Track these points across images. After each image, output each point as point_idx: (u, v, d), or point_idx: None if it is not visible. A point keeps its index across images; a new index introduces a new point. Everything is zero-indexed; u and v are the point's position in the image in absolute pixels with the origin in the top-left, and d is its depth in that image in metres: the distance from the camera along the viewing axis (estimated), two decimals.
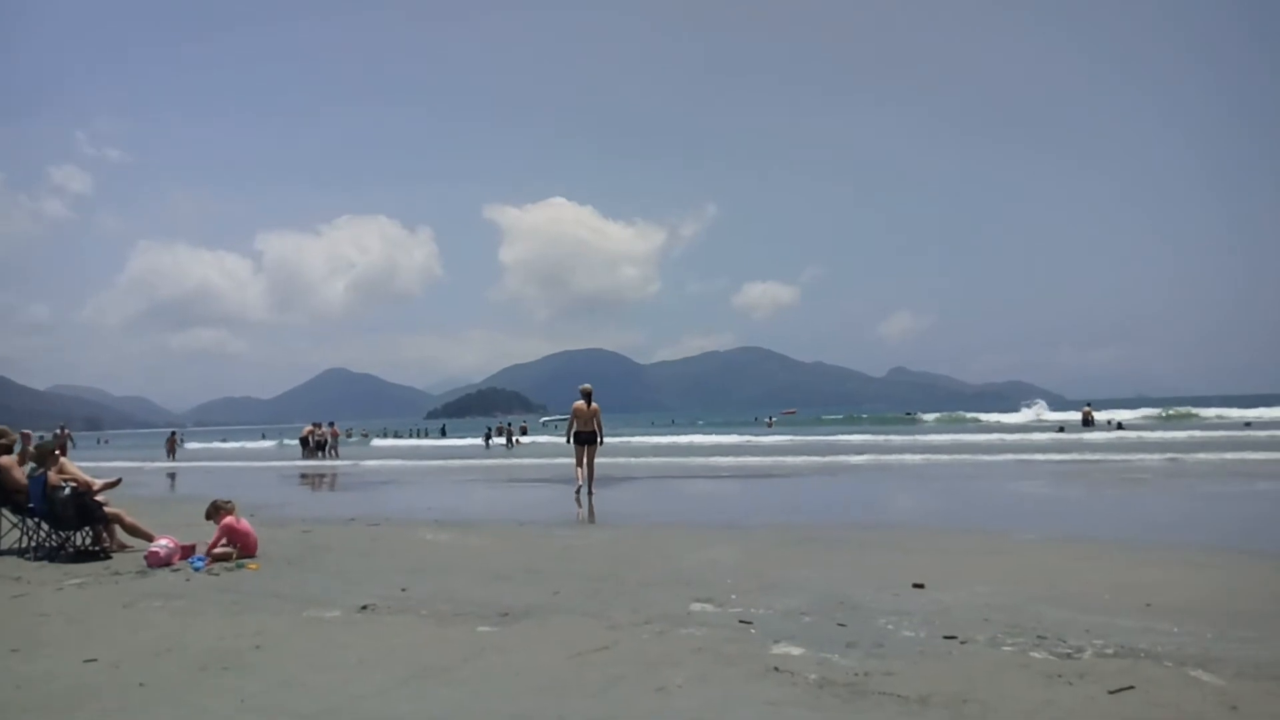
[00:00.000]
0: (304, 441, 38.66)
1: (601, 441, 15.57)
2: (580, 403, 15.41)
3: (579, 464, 15.29)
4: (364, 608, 6.17)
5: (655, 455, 29.17)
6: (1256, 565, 7.52)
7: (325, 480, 23.62)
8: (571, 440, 15.46)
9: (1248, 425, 38.53)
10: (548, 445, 40.37)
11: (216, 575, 7.67)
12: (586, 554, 8.72)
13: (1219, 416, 48.02)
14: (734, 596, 6.28)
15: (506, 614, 5.87)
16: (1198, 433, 32.95)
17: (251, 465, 33.06)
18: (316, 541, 9.79)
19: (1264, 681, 4.15)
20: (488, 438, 48.09)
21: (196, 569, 7.91)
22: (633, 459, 26.39)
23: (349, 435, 65.19)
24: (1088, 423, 42.83)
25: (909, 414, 73.76)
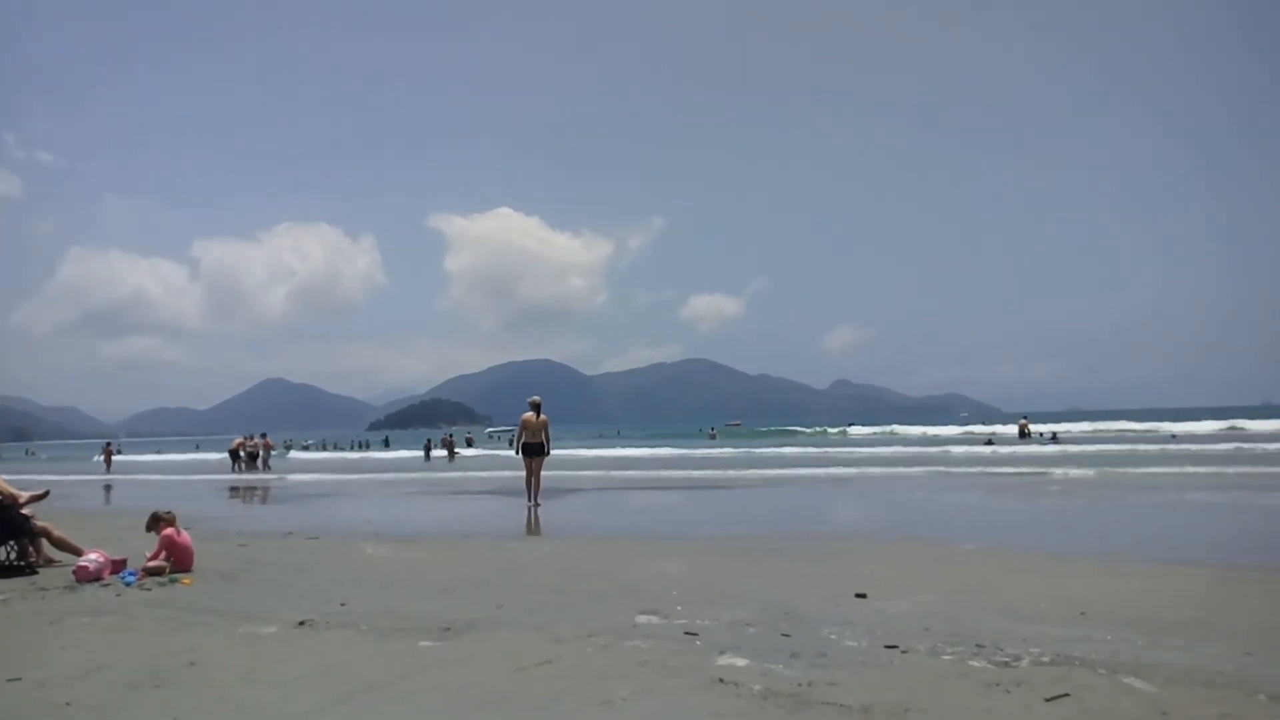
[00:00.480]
0: (234, 454, 37.19)
1: (548, 453, 15.80)
2: (529, 414, 15.56)
3: (528, 475, 15.51)
4: (302, 623, 6.03)
5: (602, 468, 29.10)
6: (1183, 574, 7.75)
7: (261, 493, 23.10)
8: (520, 451, 15.63)
9: (1173, 438, 39.93)
10: (491, 458, 39.90)
11: (149, 590, 7.44)
12: (532, 567, 8.66)
13: (1149, 430, 49.49)
14: (679, 608, 6.28)
15: (449, 628, 5.79)
16: (1127, 446, 33.94)
17: (185, 479, 32.18)
18: (253, 555, 9.56)
19: (1193, 688, 4.27)
20: (428, 450, 47.19)
21: (127, 584, 7.66)
22: (579, 471, 26.29)
23: (287, 447, 63.79)
24: (1024, 435, 43.91)
25: (845, 428, 74.68)
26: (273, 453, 39.30)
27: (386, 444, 71.14)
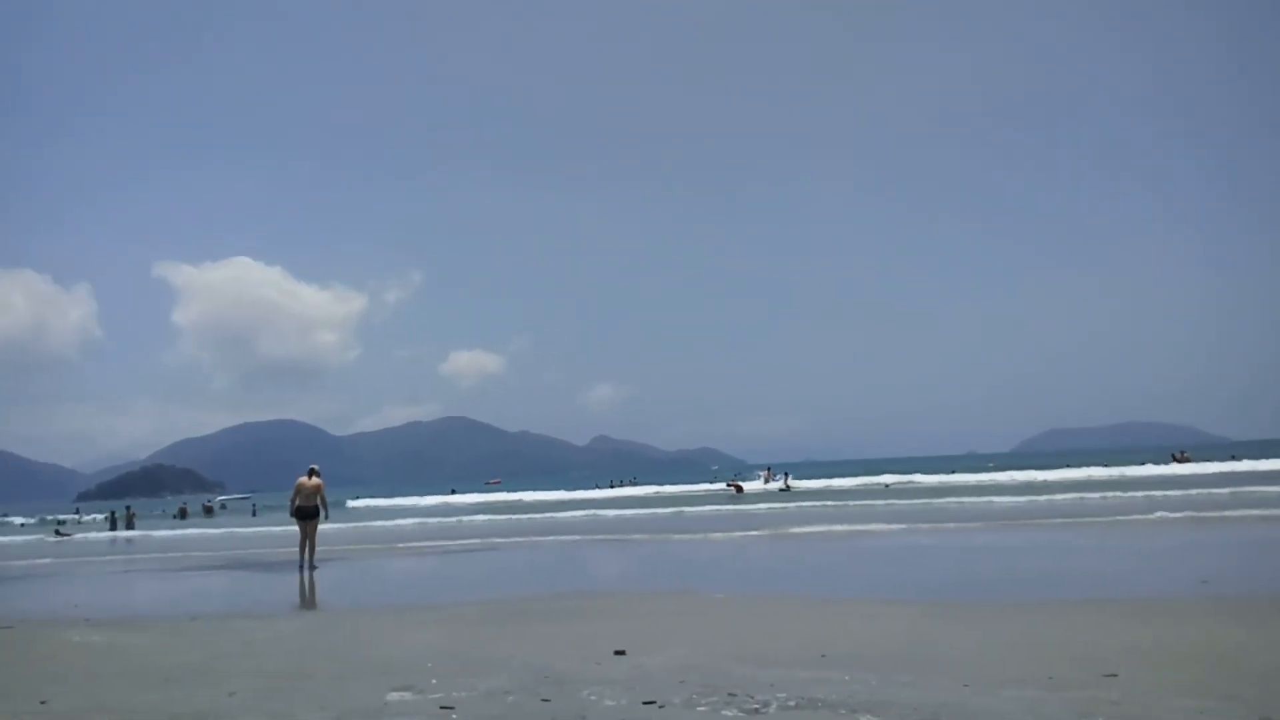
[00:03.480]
0: None
1: (326, 517, 16.74)
2: (303, 478, 16.56)
3: (302, 539, 16.25)
4: None
5: (355, 540, 27.62)
6: (909, 612, 8.46)
7: None
8: (295, 515, 16.49)
9: (887, 488, 43.78)
10: (177, 537, 32.22)
11: None
12: (270, 647, 7.96)
13: (869, 481, 53.19)
14: (435, 681, 6.00)
15: None
16: (850, 502, 36.62)
17: None
18: None
19: None
20: (113, 522, 40.84)
21: None
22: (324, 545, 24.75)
23: None
24: (766, 484, 46.83)
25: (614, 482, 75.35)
26: None
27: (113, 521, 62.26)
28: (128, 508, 44.63)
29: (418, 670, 6.37)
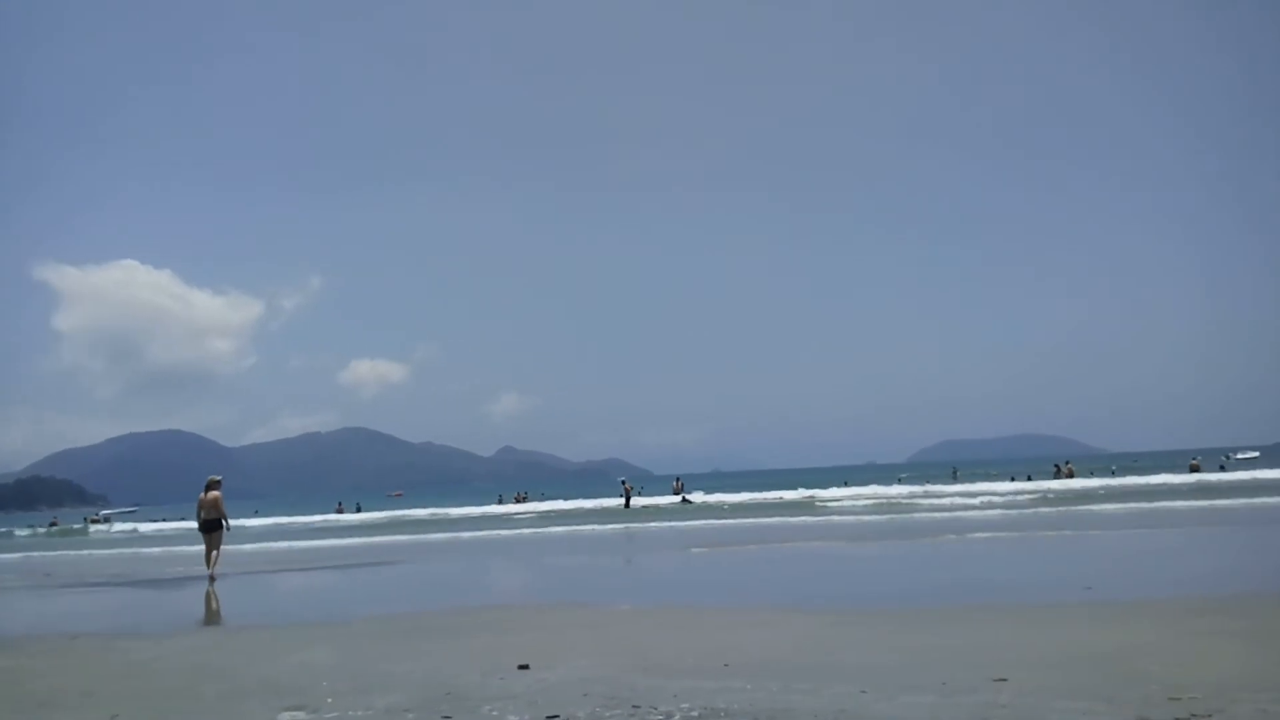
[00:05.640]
0: None
1: (228, 528, 16.98)
2: (203, 494, 16.96)
3: (208, 550, 16.44)
4: None
5: (248, 558, 26.64)
6: (807, 620, 8.64)
7: None
8: (201, 530, 16.77)
9: (781, 500, 44.37)
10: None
11: None
12: (156, 667, 7.58)
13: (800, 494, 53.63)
14: (330, 700, 5.82)
15: None
16: (748, 519, 37.39)
17: None
18: None
19: None
20: None
21: None
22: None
23: None
24: (678, 494, 47.26)
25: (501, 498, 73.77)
26: None
27: None
28: (98, 514, 41.30)
29: (311, 689, 6.17)
